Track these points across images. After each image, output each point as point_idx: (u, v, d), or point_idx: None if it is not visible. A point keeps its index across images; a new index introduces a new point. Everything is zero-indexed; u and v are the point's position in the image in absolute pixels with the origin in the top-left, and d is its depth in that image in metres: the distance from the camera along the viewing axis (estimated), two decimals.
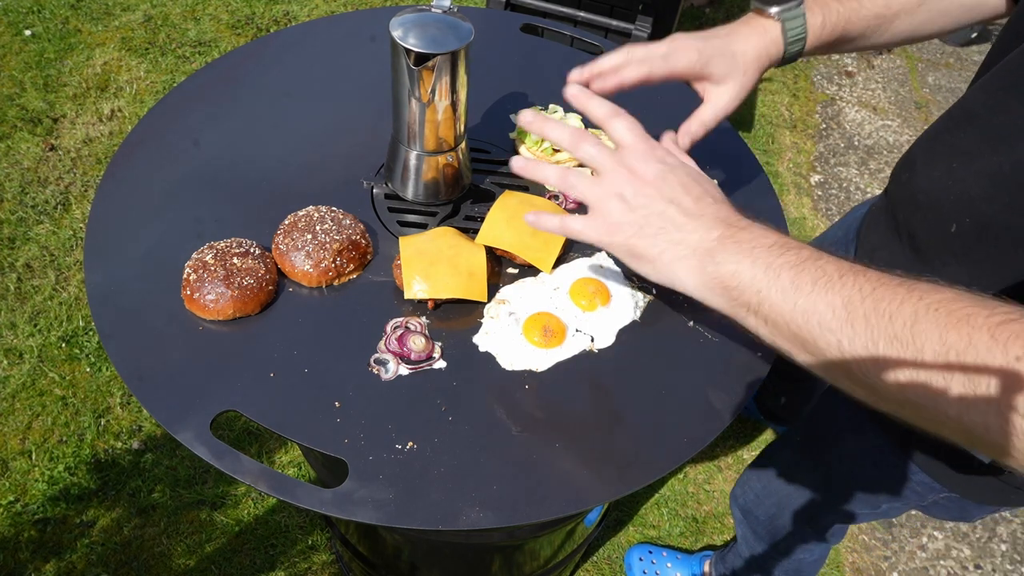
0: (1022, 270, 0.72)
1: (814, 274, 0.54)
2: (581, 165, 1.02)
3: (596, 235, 0.66)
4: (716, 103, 0.80)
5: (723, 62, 0.78)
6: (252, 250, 0.81)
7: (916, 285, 0.50)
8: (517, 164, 0.69)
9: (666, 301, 0.87)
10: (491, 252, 0.87)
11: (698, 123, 0.81)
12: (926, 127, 0.91)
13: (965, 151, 0.78)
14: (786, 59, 0.82)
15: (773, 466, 1.23)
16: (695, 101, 0.85)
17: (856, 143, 2.87)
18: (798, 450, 1.16)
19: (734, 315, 0.60)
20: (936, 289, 0.49)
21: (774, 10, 0.78)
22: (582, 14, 2.09)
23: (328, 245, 0.81)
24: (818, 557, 1.31)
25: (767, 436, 1.98)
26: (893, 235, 0.91)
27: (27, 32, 2.62)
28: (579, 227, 0.67)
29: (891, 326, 0.49)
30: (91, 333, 1.89)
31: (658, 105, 1.13)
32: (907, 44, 0.89)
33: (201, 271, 0.78)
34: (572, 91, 0.71)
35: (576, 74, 0.80)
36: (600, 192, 0.65)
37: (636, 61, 0.77)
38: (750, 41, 0.79)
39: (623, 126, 0.67)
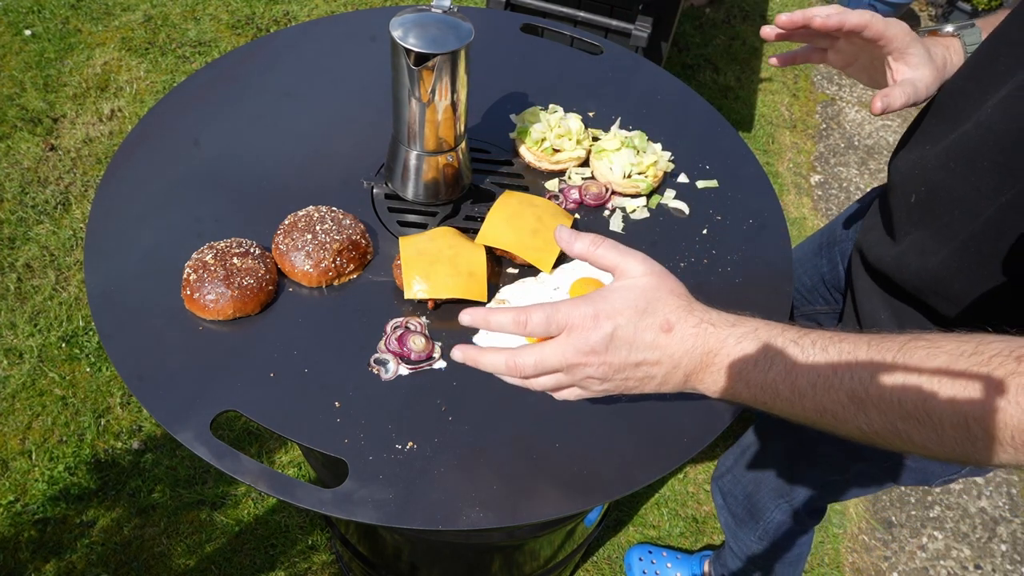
0: (959, 230, 0.75)
1: (811, 378, 0.54)
2: (585, 163, 1.02)
3: (592, 395, 0.66)
4: (915, 79, 0.80)
5: (920, 53, 0.79)
6: (252, 250, 0.81)
7: (904, 357, 0.51)
8: (456, 355, 0.65)
9: None
10: (491, 252, 0.87)
11: (917, 90, 0.80)
12: None
13: (931, 134, 0.81)
14: None
15: (746, 442, 1.26)
16: (695, 106, 0.85)
17: (856, 143, 2.87)
18: (767, 421, 1.19)
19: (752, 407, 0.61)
20: (928, 355, 0.50)
21: (949, 28, 0.82)
22: (582, 14, 2.09)
23: (328, 245, 0.81)
24: (803, 542, 1.31)
25: None
26: (877, 216, 0.95)
27: (27, 32, 2.62)
28: (573, 396, 0.66)
29: (902, 408, 0.50)
30: (91, 333, 1.88)
31: (658, 105, 1.13)
32: None
33: (201, 271, 0.78)
34: (559, 234, 0.68)
35: (797, 15, 0.81)
36: (572, 383, 0.64)
37: (858, 13, 0.79)
38: (935, 48, 0.82)
39: (539, 316, 0.62)
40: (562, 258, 0.89)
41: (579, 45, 1.26)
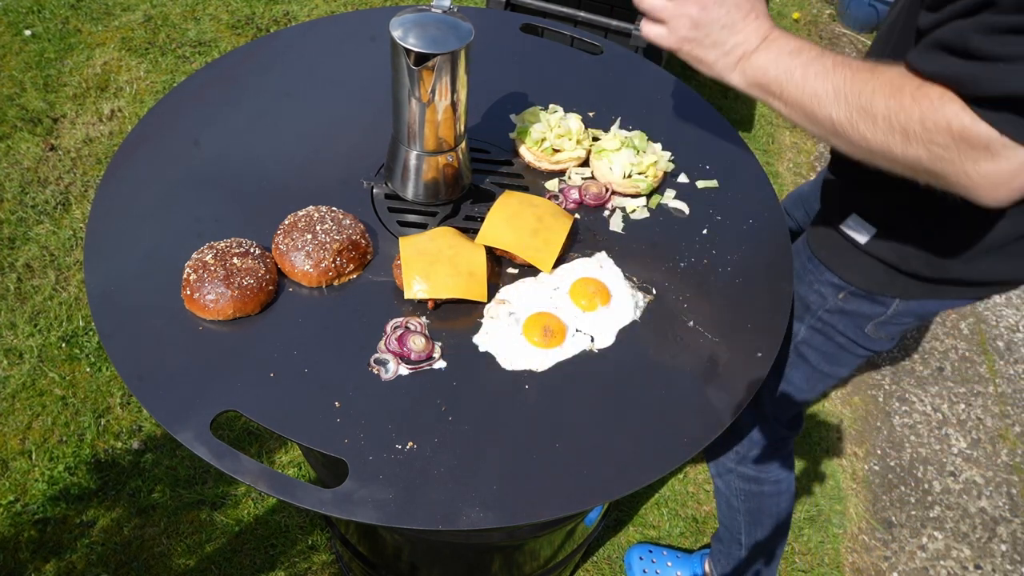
0: None
1: (817, 68, 0.74)
2: (585, 163, 1.02)
3: (669, 43, 0.81)
4: None
5: None
6: (252, 250, 0.81)
7: (877, 68, 0.71)
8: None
9: (666, 301, 0.87)
10: (491, 252, 0.87)
11: None
12: None
13: None
14: None
15: None
16: (695, 106, 0.85)
17: None
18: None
19: (766, 101, 0.79)
20: (887, 69, 0.71)
21: None
22: (582, 14, 2.09)
23: (328, 245, 0.81)
24: (785, 476, 1.31)
25: None
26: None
27: (27, 32, 2.61)
28: (655, 33, 0.82)
29: (859, 101, 0.71)
30: (91, 333, 1.88)
31: (658, 105, 1.13)
32: None
33: (201, 271, 0.78)
34: None
35: None
36: (673, 11, 0.80)
37: None
38: None
39: None
40: (562, 258, 0.89)
41: (579, 45, 1.26)
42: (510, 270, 0.88)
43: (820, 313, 1.06)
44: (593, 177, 1.01)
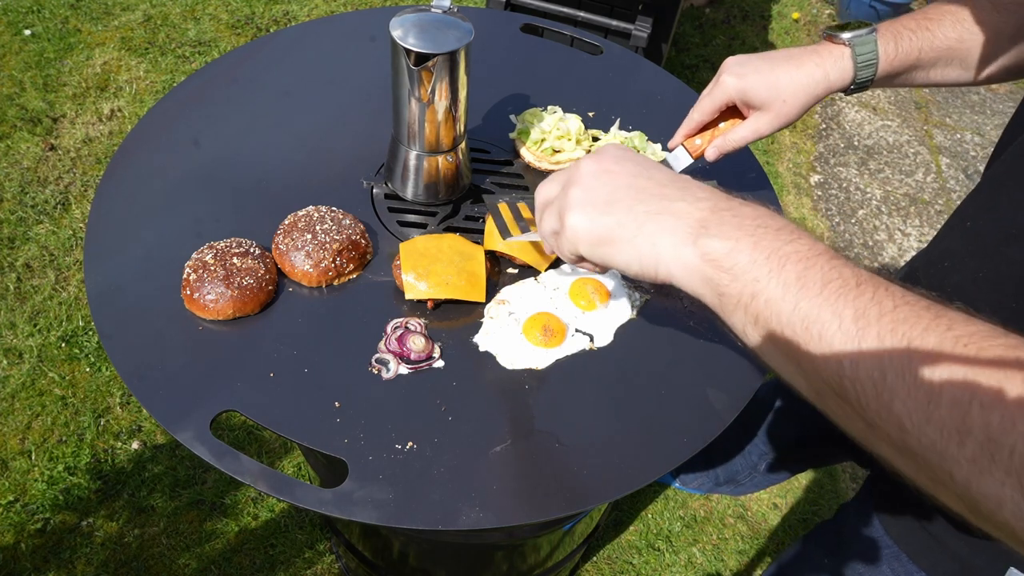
0: None
1: (827, 273, 0.45)
2: None
3: (548, 234, 0.60)
4: (750, 126, 0.82)
5: (763, 91, 0.79)
6: (252, 250, 0.81)
7: (945, 311, 0.42)
8: None
9: (666, 302, 0.87)
10: (491, 252, 0.87)
11: (727, 141, 0.84)
12: (925, 127, 0.90)
13: (958, 254, 0.77)
14: (857, 84, 0.81)
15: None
16: (690, 107, 0.85)
17: (856, 143, 2.87)
18: (827, 573, 1.03)
19: (719, 307, 0.51)
20: (969, 320, 0.41)
21: (845, 36, 0.79)
22: (582, 14, 2.09)
23: (328, 245, 0.81)
24: None
25: None
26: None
27: (27, 32, 2.61)
28: (546, 240, 0.62)
29: (908, 356, 0.41)
30: (91, 333, 1.88)
31: (658, 105, 1.13)
32: (982, 84, 0.86)
33: (201, 271, 0.78)
34: None
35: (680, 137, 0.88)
36: (554, 204, 0.58)
37: (695, 108, 0.85)
38: (802, 69, 0.79)
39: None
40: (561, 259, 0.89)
41: (579, 45, 1.26)
42: (510, 270, 0.88)
43: None
44: None
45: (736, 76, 0.80)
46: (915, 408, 0.40)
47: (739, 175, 1.04)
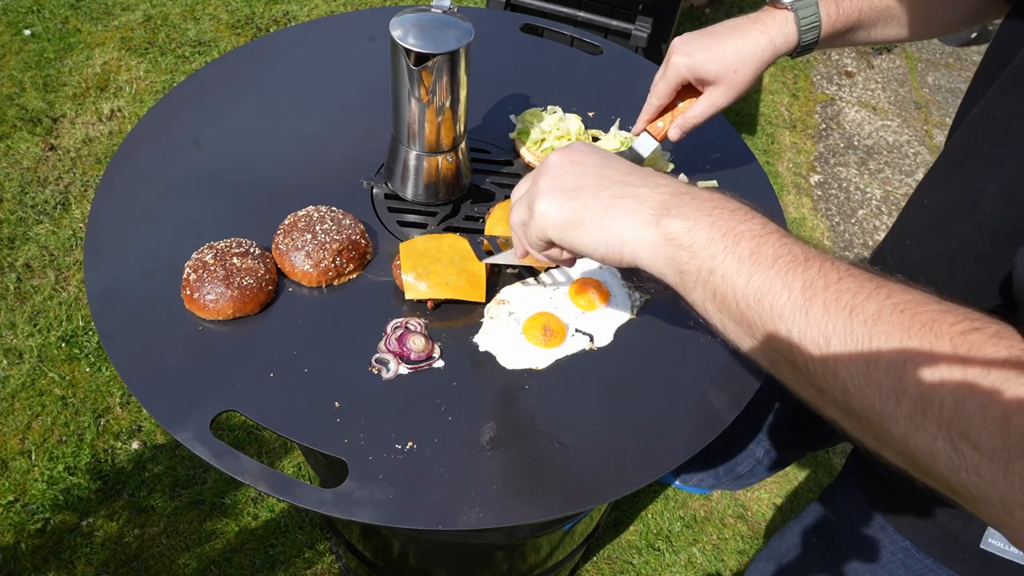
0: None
1: (777, 249, 0.49)
2: None
3: (519, 224, 0.62)
4: (705, 101, 0.84)
5: (713, 65, 0.81)
6: (252, 250, 0.81)
7: (885, 282, 0.45)
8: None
9: (665, 302, 0.87)
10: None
11: (687, 119, 0.86)
12: (925, 127, 0.91)
13: (915, 227, 0.79)
14: (801, 47, 0.83)
15: (792, 566, 1.12)
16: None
17: (856, 143, 2.87)
18: (817, 553, 1.06)
19: (680, 284, 0.53)
20: (906, 290, 0.44)
21: (787, 0, 0.81)
22: (582, 14, 2.09)
23: (328, 245, 0.81)
24: None
25: None
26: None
27: (27, 32, 2.61)
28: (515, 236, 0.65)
29: (849, 322, 0.44)
30: (91, 333, 1.88)
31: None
32: (919, 38, 0.89)
33: (201, 271, 0.78)
34: None
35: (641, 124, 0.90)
36: (524, 196, 0.61)
37: (651, 93, 0.87)
38: (747, 38, 0.81)
39: None
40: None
41: (579, 45, 1.26)
42: (510, 270, 0.88)
43: None
44: None
45: (685, 55, 0.82)
46: (856, 371, 0.43)
47: (739, 175, 1.04)
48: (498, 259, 0.82)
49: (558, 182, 0.58)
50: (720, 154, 1.06)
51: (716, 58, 0.81)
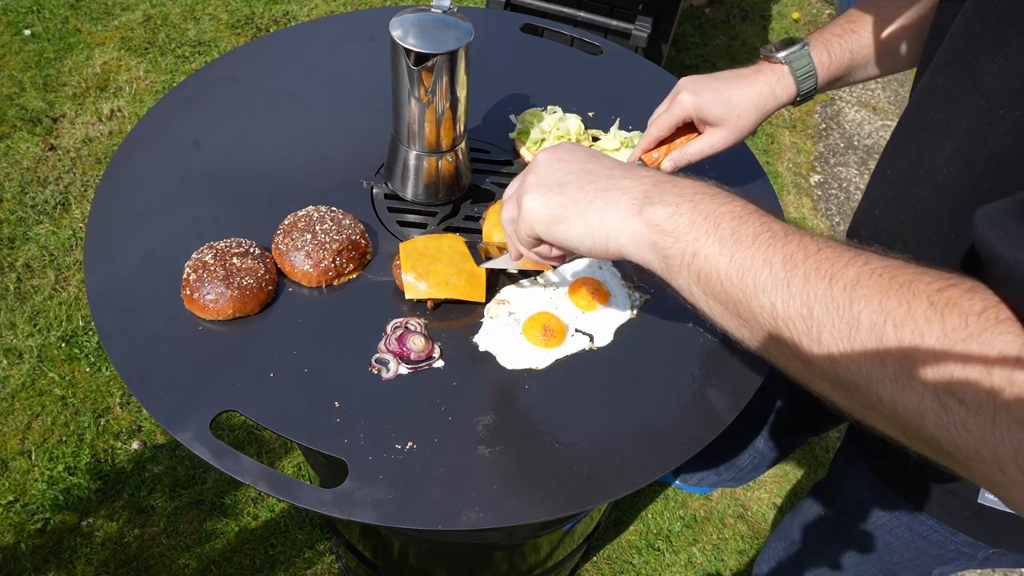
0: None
1: (757, 228, 0.50)
2: None
3: (509, 221, 0.63)
4: (705, 140, 0.87)
5: (718, 107, 0.85)
6: (252, 250, 0.81)
7: (863, 251, 0.46)
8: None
9: (665, 302, 0.87)
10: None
11: (684, 154, 0.88)
12: None
13: (880, 197, 0.82)
14: (802, 95, 0.87)
15: (801, 544, 1.16)
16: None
17: (856, 143, 2.87)
18: (826, 527, 1.10)
19: (665, 270, 0.54)
20: (884, 257, 0.45)
21: (781, 55, 0.86)
22: (582, 14, 2.09)
23: (328, 245, 0.81)
24: None
25: None
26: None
27: (27, 32, 2.61)
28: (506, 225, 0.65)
29: (830, 289, 0.44)
30: (91, 333, 1.88)
31: (658, 105, 1.13)
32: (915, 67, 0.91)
33: (201, 271, 0.78)
34: None
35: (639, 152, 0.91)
36: (514, 194, 0.63)
37: (652, 124, 0.89)
38: (752, 87, 0.86)
39: None
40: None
41: (579, 45, 1.26)
42: (509, 271, 0.88)
43: (959, 564, 0.89)
44: None
45: (693, 94, 0.85)
46: (840, 336, 0.44)
47: (739, 175, 1.04)
48: (495, 264, 0.82)
49: (545, 179, 0.60)
50: (719, 154, 1.06)
51: (723, 100, 0.84)
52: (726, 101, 0.85)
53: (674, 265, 0.53)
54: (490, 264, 0.82)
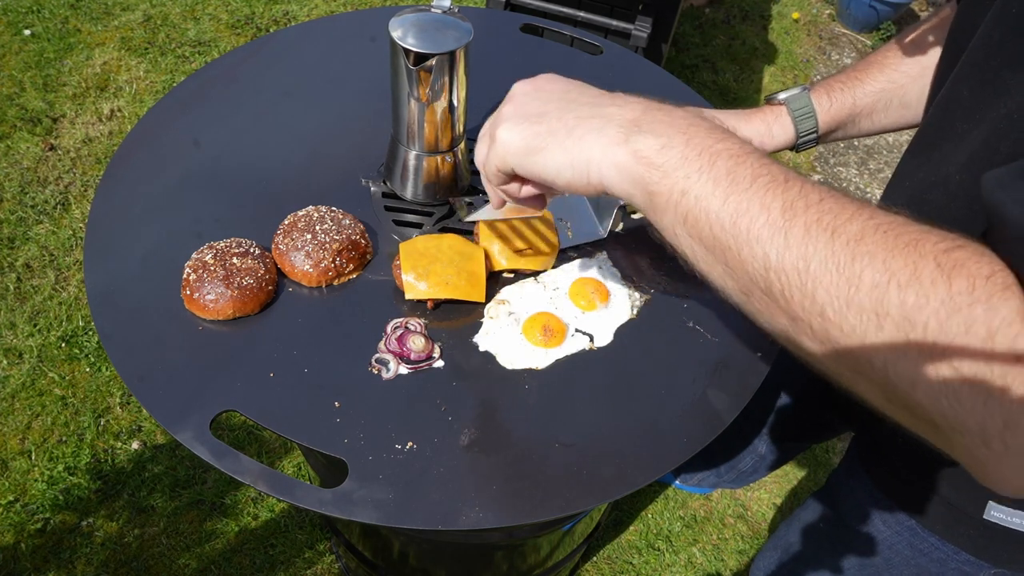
0: None
1: (756, 170, 0.45)
2: None
3: (482, 159, 0.58)
4: None
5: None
6: (252, 250, 0.81)
7: (866, 204, 0.44)
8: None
9: (665, 302, 0.87)
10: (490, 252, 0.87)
11: None
12: None
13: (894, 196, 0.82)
14: (802, 137, 0.89)
15: (797, 554, 1.15)
16: (695, 106, 0.86)
17: (856, 143, 2.87)
18: (824, 537, 1.09)
19: (649, 207, 0.50)
20: (888, 212, 0.43)
21: (781, 96, 0.88)
22: (582, 14, 2.09)
23: (328, 245, 0.81)
24: None
25: None
26: None
27: (27, 32, 2.61)
28: (480, 160, 0.60)
29: (831, 243, 0.41)
30: (91, 333, 1.88)
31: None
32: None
33: (201, 271, 0.78)
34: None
35: None
36: (487, 129, 0.58)
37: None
38: (750, 124, 0.87)
39: None
40: (562, 258, 0.89)
41: (579, 45, 1.26)
42: (507, 273, 0.88)
43: None
44: None
45: None
46: (837, 294, 0.41)
47: None
48: (479, 215, 0.78)
49: (521, 108, 0.55)
50: None
51: None
52: None
53: (660, 203, 0.49)
54: (474, 216, 0.78)
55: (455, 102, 0.84)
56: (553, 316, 0.83)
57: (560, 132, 0.52)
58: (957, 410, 0.38)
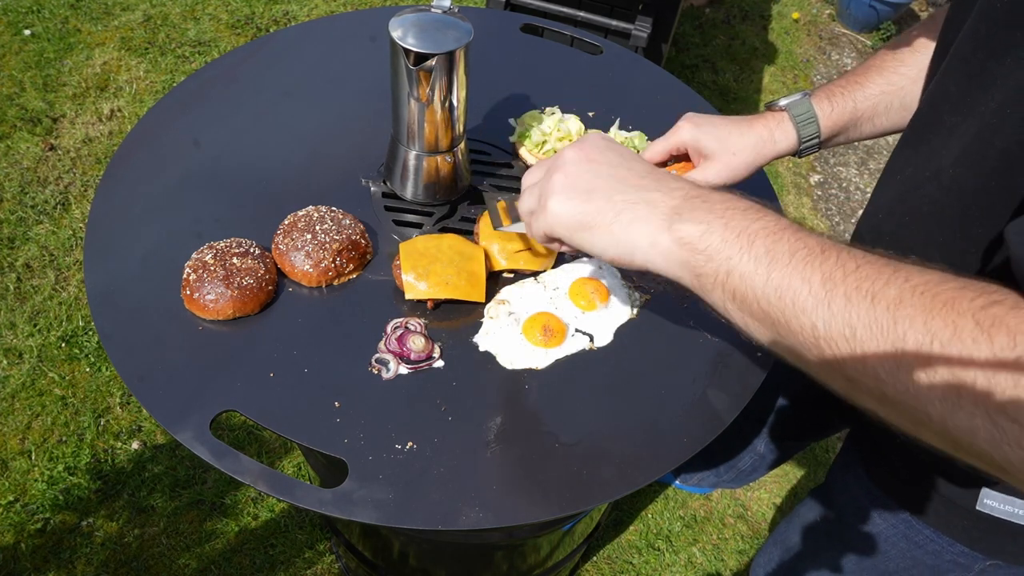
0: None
1: (793, 245, 0.49)
2: None
3: (535, 227, 0.63)
4: (699, 173, 0.88)
5: (715, 142, 0.85)
6: (252, 250, 0.81)
7: (902, 266, 0.46)
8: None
9: (665, 302, 0.87)
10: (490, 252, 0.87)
11: None
12: None
13: (887, 186, 0.82)
14: (804, 142, 0.89)
15: (797, 550, 1.17)
16: (694, 106, 0.86)
17: (855, 143, 2.87)
18: (822, 533, 1.10)
19: (698, 287, 0.54)
20: (923, 270, 0.45)
21: (782, 103, 0.89)
22: (582, 14, 2.09)
23: (328, 245, 0.81)
24: None
25: None
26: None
27: (27, 32, 2.61)
28: (527, 227, 0.65)
29: (872, 310, 0.44)
30: (91, 333, 1.88)
31: (658, 105, 1.13)
32: None
33: (201, 271, 0.78)
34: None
35: None
36: (537, 187, 0.62)
37: (647, 149, 0.90)
38: (752, 130, 0.88)
39: None
40: (562, 258, 0.89)
41: (579, 45, 1.26)
42: (507, 273, 0.88)
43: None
44: None
45: (694, 124, 0.86)
46: (885, 357, 0.44)
47: None
48: (514, 228, 0.80)
49: (572, 180, 0.59)
50: None
51: (720, 136, 0.86)
52: (724, 136, 0.86)
53: (707, 283, 0.53)
54: (509, 228, 0.80)
55: (455, 102, 0.84)
56: (553, 316, 0.83)
57: (608, 214, 0.56)
58: (1021, 456, 0.40)
